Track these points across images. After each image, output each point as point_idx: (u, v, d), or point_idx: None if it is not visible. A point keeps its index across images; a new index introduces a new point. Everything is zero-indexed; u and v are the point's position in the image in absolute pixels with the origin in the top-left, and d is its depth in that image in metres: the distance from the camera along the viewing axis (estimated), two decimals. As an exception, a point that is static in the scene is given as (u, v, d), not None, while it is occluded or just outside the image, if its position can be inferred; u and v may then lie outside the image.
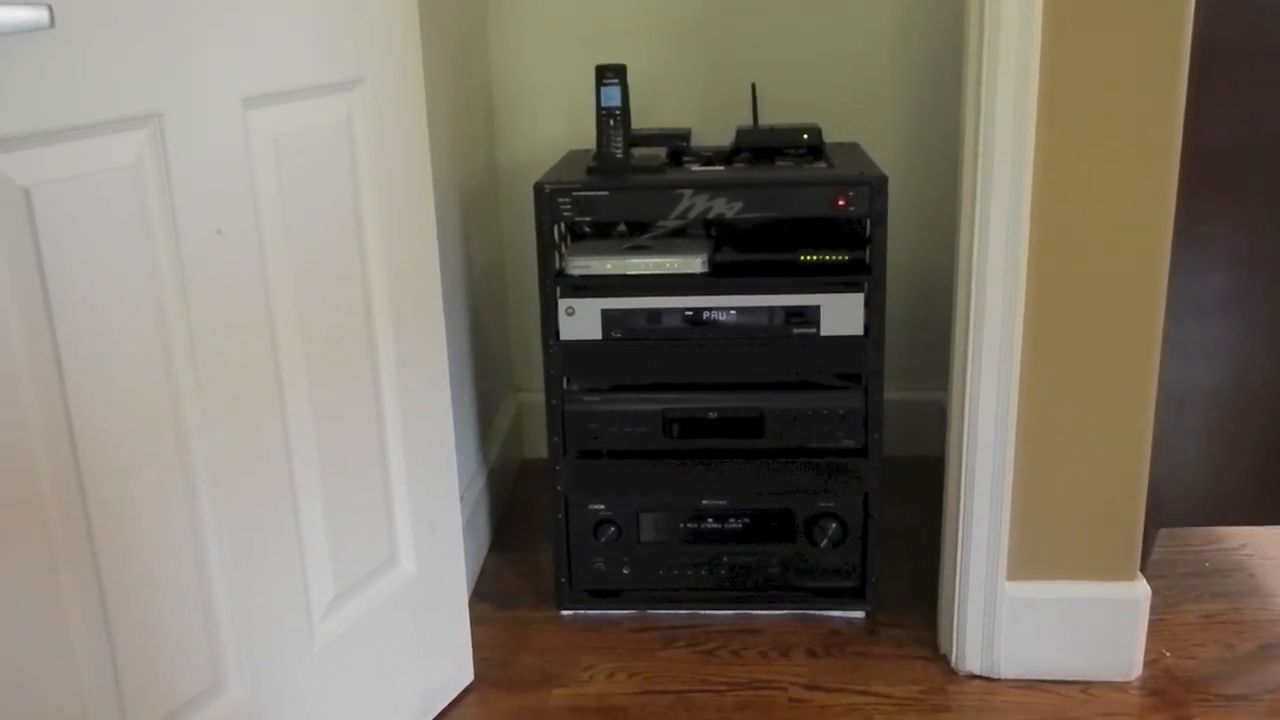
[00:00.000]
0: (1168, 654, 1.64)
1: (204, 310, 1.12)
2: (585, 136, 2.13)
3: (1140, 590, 1.56)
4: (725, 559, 1.77)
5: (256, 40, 1.14)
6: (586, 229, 1.83)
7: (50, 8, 0.90)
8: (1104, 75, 1.39)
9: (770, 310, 1.67)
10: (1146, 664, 1.60)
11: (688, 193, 1.64)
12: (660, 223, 1.79)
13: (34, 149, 0.95)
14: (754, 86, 1.96)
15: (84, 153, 0.99)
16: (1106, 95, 1.39)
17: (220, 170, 1.12)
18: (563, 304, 1.68)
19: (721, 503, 1.74)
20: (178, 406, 1.11)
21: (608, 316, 1.69)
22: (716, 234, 1.79)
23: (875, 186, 1.62)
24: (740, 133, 1.86)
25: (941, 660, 1.65)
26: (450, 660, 1.58)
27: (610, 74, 1.69)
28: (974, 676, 1.61)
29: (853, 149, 1.91)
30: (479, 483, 1.98)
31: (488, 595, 1.86)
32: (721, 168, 1.78)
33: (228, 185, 1.13)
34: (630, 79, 1.73)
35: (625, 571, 1.78)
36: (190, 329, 1.11)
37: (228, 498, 1.18)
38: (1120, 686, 1.58)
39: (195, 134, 1.09)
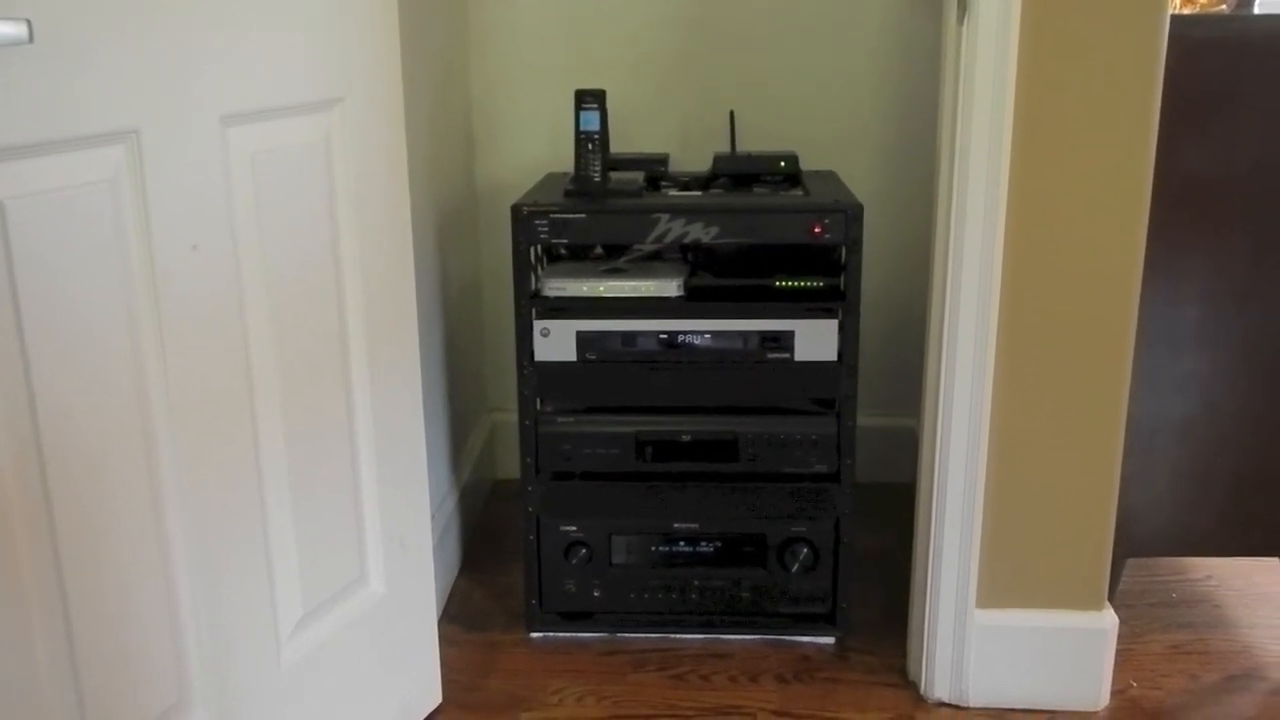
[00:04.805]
0: (1134, 684, 1.65)
1: (177, 326, 1.12)
2: (565, 160, 2.14)
3: (1108, 620, 1.57)
4: (696, 583, 1.76)
5: (237, 59, 1.14)
6: (563, 251, 1.83)
7: (29, 23, 0.90)
8: (1078, 110, 1.41)
9: (745, 335, 1.68)
10: (1113, 694, 1.61)
11: (664, 217, 1.65)
12: (637, 246, 1.80)
13: (10, 163, 0.94)
14: (732, 114, 1.97)
15: (60, 167, 0.99)
16: (1080, 130, 1.41)
17: (197, 187, 1.12)
18: (538, 325, 1.69)
19: (693, 526, 1.74)
20: (148, 421, 1.11)
21: (583, 338, 1.69)
22: (693, 258, 1.80)
23: (851, 214, 1.63)
24: (718, 159, 1.87)
25: (911, 687, 1.65)
26: (419, 681, 1.57)
27: (589, 99, 1.70)
28: (943, 704, 1.61)
29: (829, 177, 1.92)
30: (450, 502, 1.98)
31: (457, 616, 1.85)
32: (699, 193, 1.79)
33: (204, 202, 1.13)
34: (610, 105, 1.74)
35: (596, 594, 1.77)
36: (163, 344, 1.11)
37: (196, 514, 1.17)
38: (1087, 716, 1.58)
39: (173, 150, 1.08)
